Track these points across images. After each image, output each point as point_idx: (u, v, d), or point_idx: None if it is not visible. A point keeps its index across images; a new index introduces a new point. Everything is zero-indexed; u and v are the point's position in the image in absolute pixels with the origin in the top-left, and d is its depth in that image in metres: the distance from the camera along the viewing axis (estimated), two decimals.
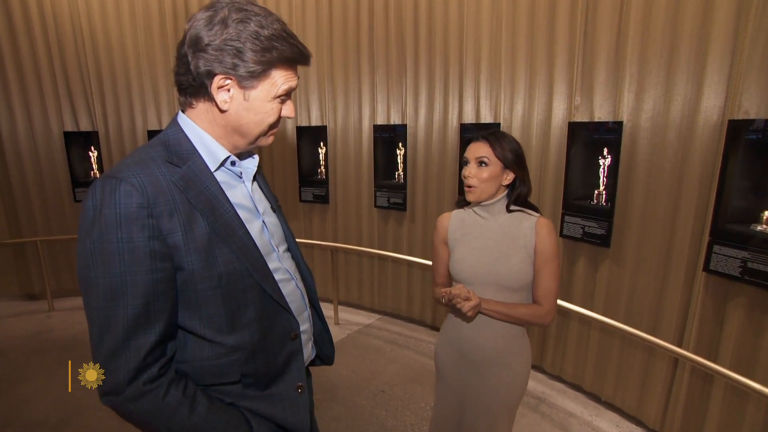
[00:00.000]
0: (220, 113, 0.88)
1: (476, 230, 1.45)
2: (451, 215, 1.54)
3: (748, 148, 1.83)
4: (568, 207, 2.57)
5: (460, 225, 1.49)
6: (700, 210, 2.01)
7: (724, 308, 1.97)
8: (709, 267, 1.96)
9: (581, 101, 2.44)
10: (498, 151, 1.35)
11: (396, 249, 3.68)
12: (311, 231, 4.14)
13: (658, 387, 2.27)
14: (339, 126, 3.79)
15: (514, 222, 1.40)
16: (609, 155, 2.37)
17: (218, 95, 0.85)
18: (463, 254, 1.44)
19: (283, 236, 1.09)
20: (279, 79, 0.88)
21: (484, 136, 1.38)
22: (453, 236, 1.50)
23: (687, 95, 2.01)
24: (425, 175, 3.40)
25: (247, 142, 0.94)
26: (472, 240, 1.44)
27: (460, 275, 1.44)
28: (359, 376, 2.98)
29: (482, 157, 1.36)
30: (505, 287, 1.37)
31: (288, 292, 1.02)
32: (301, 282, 1.11)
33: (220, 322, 0.88)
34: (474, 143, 1.40)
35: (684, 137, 2.04)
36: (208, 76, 0.83)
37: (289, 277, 1.04)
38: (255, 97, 0.87)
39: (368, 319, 3.91)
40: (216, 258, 0.86)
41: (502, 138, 1.37)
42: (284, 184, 4.12)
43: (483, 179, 1.36)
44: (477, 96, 2.98)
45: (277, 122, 0.94)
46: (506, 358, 1.42)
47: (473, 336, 1.43)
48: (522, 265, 1.36)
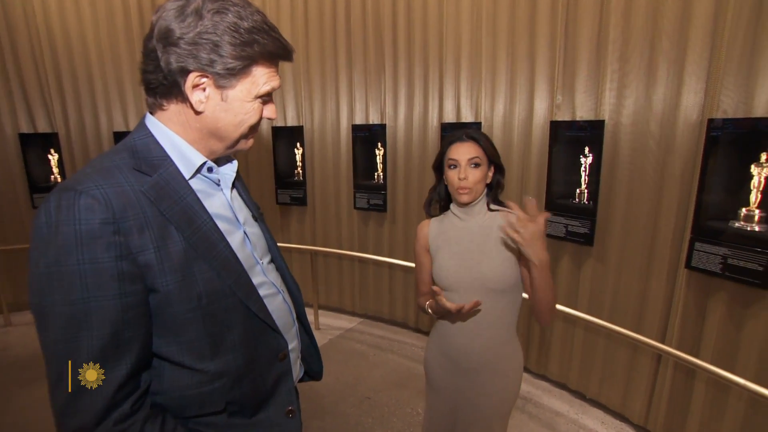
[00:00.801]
0: (194, 115, 0.79)
1: (457, 234, 1.40)
2: (431, 222, 1.50)
3: (725, 146, 1.86)
4: (551, 206, 2.57)
5: (441, 231, 1.45)
6: (682, 208, 2.03)
7: (705, 304, 2.00)
8: (691, 264, 1.98)
9: (562, 100, 2.43)
10: (487, 148, 1.34)
11: (377, 251, 3.62)
12: (289, 234, 4.02)
13: (642, 383, 2.29)
14: (316, 126, 3.69)
15: (495, 221, 1.36)
16: (591, 154, 2.38)
17: (193, 95, 0.76)
18: (445, 260, 1.39)
19: (266, 247, 1.00)
20: (261, 77, 0.80)
21: (470, 135, 1.35)
22: (434, 243, 1.45)
23: (667, 94, 2.03)
24: (406, 175, 3.35)
25: (225, 147, 0.85)
26: (453, 244, 1.40)
27: (444, 281, 1.39)
28: (343, 383, 2.90)
29: (475, 158, 1.32)
30: (491, 289, 1.33)
31: (275, 307, 0.93)
32: (288, 295, 1.03)
33: (201, 347, 0.79)
34: (460, 144, 1.35)
35: (665, 135, 2.05)
36: (181, 74, 0.74)
37: (275, 291, 0.96)
38: (234, 96, 0.78)
39: (350, 323, 3.82)
40: (195, 276, 0.76)
41: (481, 135, 1.36)
42: (260, 186, 3.99)
43: (477, 180, 1.33)
44: (458, 95, 2.95)
45: (258, 124, 0.86)
46: (498, 364, 1.38)
47: (464, 343, 1.38)
48: (507, 264, 1.32)
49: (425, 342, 1.48)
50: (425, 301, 1.46)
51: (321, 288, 3.99)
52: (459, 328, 1.38)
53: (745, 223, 1.87)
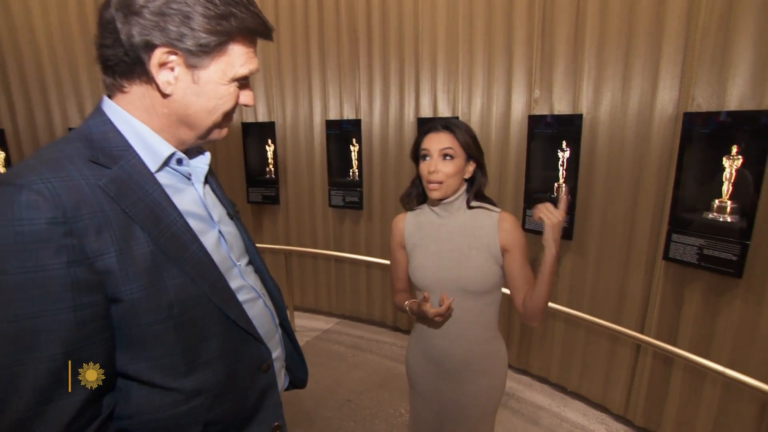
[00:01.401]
0: (161, 99, 0.69)
1: (434, 232, 1.33)
2: (406, 217, 1.42)
3: (699, 140, 1.89)
4: (529, 201, 2.56)
5: (417, 227, 1.38)
6: (659, 200, 2.06)
7: (681, 294, 2.03)
8: (669, 255, 2.01)
9: (540, 94, 2.43)
10: (462, 140, 1.24)
11: (353, 249, 3.53)
12: (261, 234, 3.88)
13: (622, 374, 2.32)
14: (288, 122, 3.57)
15: (475, 220, 1.30)
16: (568, 148, 2.39)
17: (159, 75, 0.66)
18: (422, 259, 1.33)
19: (243, 248, 0.91)
20: (237, 57, 0.70)
21: (444, 125, 1.26)
22: (410, 240, 1.38)
23: (644, 88, 2.05)
24: (382, 171, 3.28)
25: (197, 136, 0.75)
26: (430, 243, 1.33)
27: (421, 282, 1.33)
28: (322, 386, 2.81)
29: (447, 149, 1.23)
30: (470, 291, 1.27)
31: (256, 313, 0.84)
32: (269, 299, 0.94)
33: (174, 362, 0.69)
34: (434, 134, 1.27)
35: (642, 129, 2.07)
36: (146, 49, 0.64)
37: (255, 295, 0.87)
38: (207, 78, 0.69)
39: (326, 324, 3.73)
40: (164, 282, 0.67)
41: (459, 125, 1.27)
42: (230, 184, 3.82)
43: (449, 174, 1.24)
44: (434, 89, 2.90)
45: (233, 111, 0.76)
46: (482, 364, 1.34)
47: (446, 344, 1.33)
48: (487, 266, 1.26)
49: (405, 341, 1.41)
50: (403, 300, 1.40)
51: (296, 289, 3.87)
52: (439, 330, 1.33)
53: (718, 214, 1.91)
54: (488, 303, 1.30)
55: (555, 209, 1.14)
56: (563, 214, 1.14)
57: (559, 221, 1.13)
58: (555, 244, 1.14)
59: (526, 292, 1.27)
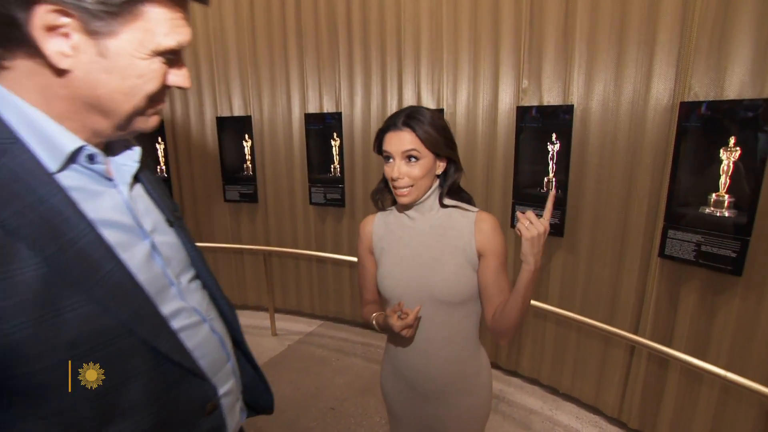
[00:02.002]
0: (56, 77, 0.53)
1: (405, 234, 1.18)
2: (375, 218, 1.27)
3: (696, 131, 1.79)
4: (518, 196, 2.45)
5: (386, 230, 1.22)
6: (654, 195, 1.96)
7: (678, 292, 1.94)
8: (664, 252, 1.92)
9: (529, 84, 2.31)
10: (426, 137, 1.06)
11: (336, 248, 3.39)
12: (239, 234, 3.70)
13: (615, 375, 2.23)
14: (266, 116, 3.39)
15: (449, 220, 1.15)
16: (558, 141, 2.28)
17: (48, 43, 0.50)
18: (391, 266, 1.18)
19: (187, 261, 0.75)
20: (159, 23, 0.55)
21: (403, 122, 1.07)
22: (378, 244, 1.23)
23: (637, 77, 1.94)
24: (364, 167, 3.13)
25: (114, 125, 0.59)
26: (400, 247, 1.18)
27: (390, 292, 1.18)
28: (304, 393, 2.67)
29: (410, 151, 1.06)
30: (444, 302, 1.12)
31: (199, 342, 0.69)
32: (219, 321, 0.79)
33: (80, 417, 0.54)
34: (392, 133, 1.09)
35: (636, 121, 1.97)
36: (21, 6, 0.48)
37: (198, 319, 0.71)
38: (119, 50, 0.53)
39: (309, 327, 3.58)
40: (62, 314, 0.51)
41: (423, 118, 1.07)
42: (205, 182, 3.63)
43: (417, 177, 1.08)
44: (417, 81, 2.76)
45: (162, 94, 0.61)
46: (463, 383, 1.20)
47: (419, 364, 1.18)
48: (461, 272, 1.11)
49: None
50: (371, 313, 1.25)
51: (277, 290, 3.70)
52: (411, 347, 1.18)
53: (715, 208, 1.82)
54: (466, 315, 1.16)
55: (536, 219, 0.98)
56: (546, 224, 0.98)
57: (539, 233, 0.97)
58: (534, 259, 0.99)
59: (498, 304, 1.13)
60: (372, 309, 1.27)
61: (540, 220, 0.98)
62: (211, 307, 0.78)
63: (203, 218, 3.72)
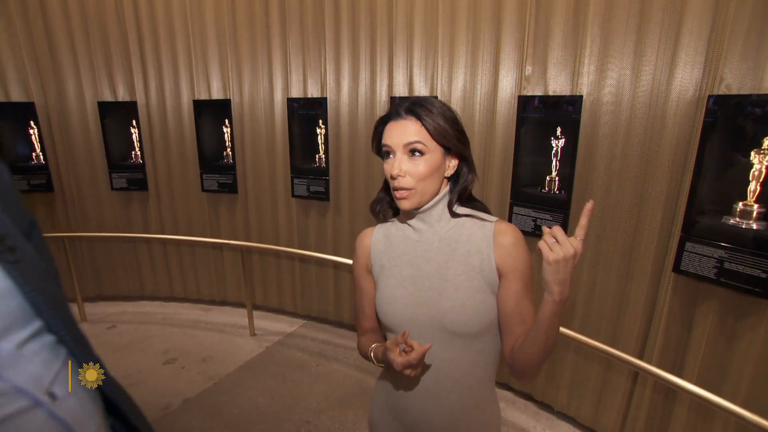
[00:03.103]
0: None
1: (408, 250, 0.97)
2: (374, 232, 1.05)
3: (726, 129, 1.55)
4: (517, 196, 2.21)
5: (386, 245, 1.01)
6: (671, 200, 1.73)
7: (692, 313, 1.72)
8: (680, 267, 1.69)
9: (533, 71, 2.05)
10: (433, 128, 0.87)
11: (320, 245, 3.16)
12: (218, 226, 3.46)
13: (617, 398, 2.03)
14: (246, 100, 3.12)
15: (462, 232, 0.94)
16: (563, 136, 2.03)
17: None
18: (392, 288, 0.96)
19: (24, 310, 0.51)
20: None
21: (408, 108, 0.89)
22: (378, 262, 1.01)
23: (659, 66, 1.68)
24: (351, 157, 2.88)
25: None
26: (403, 266, 0.96)
27: (390, 319, 0.95)
28: (279, 403, 2.46)
29: (414, 143, 0.87)
30: (455, 333, 0.90)
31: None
32: (74, 398, 0.55)
33: None
34: (394, 122, 0.90)
35: (654, 115, 1.72)
36: None
37: (27, 404, 0.48)
38: None
39: (291, 327, 3.37)
40: None
41: (432, 107, 0.89)
42: (183, 170, 3.38)
43: (421, 175, 0.88)
44: (410, 64, 2.50)
45: None
46: (470, 430, 0.98)
47: (425, 410, 0.96)
48: (478, 297, 0.90)
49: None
50: (369, 344, 1.02)
51: (258, 287, 3.49)
52: (415, 387, 0.96)
53: (741, 219, 1.60)
54: (482, 350, 0.94)
55: (565, 237, 0.74)
56: (578, 246, 0.74)
57: (567, 256, 0.73)
58: (558, 288, 0.76)
59: (519, 336, 0.91)
60: (370, 340, 1.04)
61: (570, 239, 0.74)
62: (65, 374, 0.54)
63: (180, 209, 3.47)
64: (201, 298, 3.68)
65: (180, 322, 3.43)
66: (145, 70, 3.21)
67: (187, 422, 2.30)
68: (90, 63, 3.20)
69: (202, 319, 3.47)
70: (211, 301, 3.71)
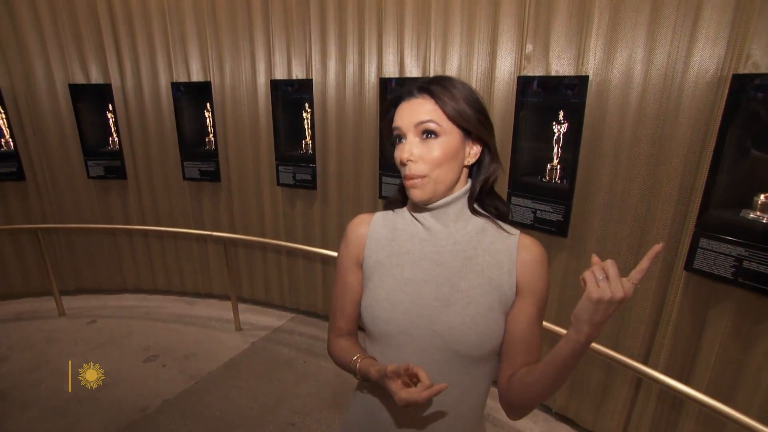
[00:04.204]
0: None
1: (415, 248, 0.82)
2: (373, 219, 0.88)
3: (752, 113, 1.38)
4: (515, 185, 2.05)
5: (387, 238, 0.85)
6: (684, 191, 1.57)
7: (704, 315, 1.58)
8: (693, 265, 1.54)
9: (534, 49, 1.86)
10: (451, 107, 0.73)
11: (307, 235, 3.00)
12: (201, 217, 3.29)
13: (619, 401, 1.90)
14: (227, 82, 2.92)
15: (482, 239, 0.79)
16: (566, 120, 1.86)
17: None
18: (389, 291, 0.80)
19: None
20: None
21: (423, 86, 0.76)
22: (373, 256, 0.84)
23: (676, 42, 1.51)
24: (339, 143, 2.70)
25: None
26: (405, 266, 0.81)
27: (382, 326, 0.80)
28: (262, 404, 2.34)
29: (427, 122, 0.74)
30: (458, 354, 0.76)
31: None
32: None
33: None
34: (406, 102, 0.77)
35: (668, 98, 1.55)
36: None
37: None
38: None
39: (278, 320, 3.23)
40: None
41: (451, 86, 0.75)
42: (163, 157, 3.19)
43: (436, 161, 0.74)
44: (401, 43, 2.30)
45: None
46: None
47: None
48: (491, 316, 0.76)
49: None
50: (349, 352, 0.85)
51: (244, 279, 3.34)
52: (402, 414, 0.82)
53: (762, 213, 1.45)
54: (481, 376, 0.80)
55: (617, 275, 0.59)
56: (629, 289, 0.58)
57: (614, 298, 0.58)
58: (590, 330, 0.61)
59: (520, 365, 0.77)
60: (348, 346, 0.87)
61: (623, 280, 0.59)
62: None
63: (161, 198, 3.29)
64: (185, 290, 3.54)
65: (163, 316, 3.28)
66: (119, 50, 2.99)
67: (166, 425, 2.18)
68: (58, 42, 2.98)
69: (187, 313, 3.33)
70: (196, 293, 3.56)
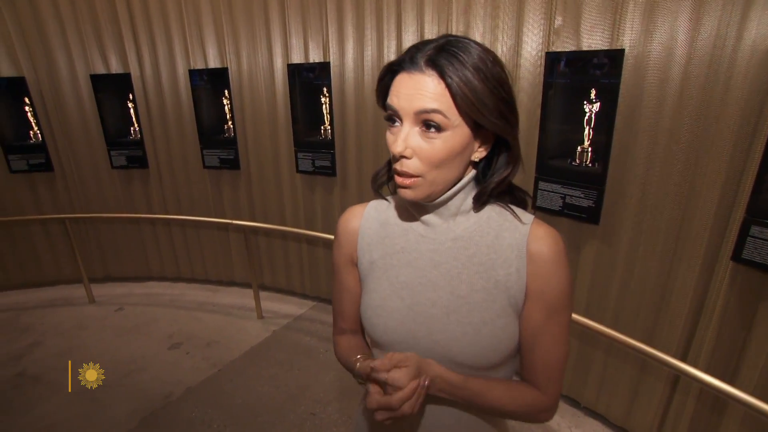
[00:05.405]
0: None
1: (410, 247, 0.72)
2: (364, 212, 0.78)
3: None
4: (543, 169, 1.94)
5: (380, 234, 0.75)
6: (733, 175, 1.43)
7: (754, 310, 1.45)
8: (741, 255, 1.41)
9: (563, 23, 1.73)
10: (464, 92, 0.57)
11: (327, 222, 2.97)
12: (222, 206, 3.29)
13: (654, 398, 1.80)
14: (244, 68, 2.87)
15: (485, 233, 0.68)
16: (598, 99, 1.73)
17: None
18: (383, 298, 0.72)
19: None
20: None
21: (430, 58, 0.58)
22: (366, 256, 0.76)
23: (726, 11, 1.35)
24: (358, 128, 2.63)
25: None
26: (400, 267, 0.72)
27: (380, 334, 0.72)
28: (284, 393, 2.34)
29: (432, 113, 0.58)
30: (463, 366, 0.67)
31: None
32: None
33: None
34: (406, 74, 0.60)
35: (716, 74, 1.40)
36: None
37: None
38: None
39: (300, 309, 3.23)
40: None
41: (464, 55, 0.57)
42: (182, 146, 3.20)
43: (435, 161, 0.61)
44: (420, 20, 2.19)
45: None
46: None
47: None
48: (499, 322, 0.66)
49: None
50: (351, 351, 0.77)
51: (265, 267, 3.35)
52: (405, 423, 0.76)
53: None
54: None
55: None
56: None
57: None
58: None
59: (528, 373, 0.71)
60: (350, 343, 0.80)
61: None
62: None
63: (183, 187, 3.31)
64: (208, 278, 3.58)
65: (187, 303, 3.33)
66: (137, 38, 2.98)
67: (189, 412, 2.21)
68: (78, 32, 2.99)
69: (209, 301, 3.37)
70: (219, 281, 3.60)
